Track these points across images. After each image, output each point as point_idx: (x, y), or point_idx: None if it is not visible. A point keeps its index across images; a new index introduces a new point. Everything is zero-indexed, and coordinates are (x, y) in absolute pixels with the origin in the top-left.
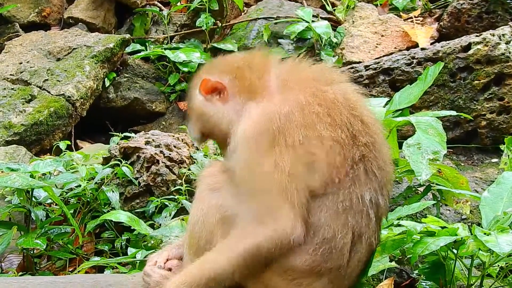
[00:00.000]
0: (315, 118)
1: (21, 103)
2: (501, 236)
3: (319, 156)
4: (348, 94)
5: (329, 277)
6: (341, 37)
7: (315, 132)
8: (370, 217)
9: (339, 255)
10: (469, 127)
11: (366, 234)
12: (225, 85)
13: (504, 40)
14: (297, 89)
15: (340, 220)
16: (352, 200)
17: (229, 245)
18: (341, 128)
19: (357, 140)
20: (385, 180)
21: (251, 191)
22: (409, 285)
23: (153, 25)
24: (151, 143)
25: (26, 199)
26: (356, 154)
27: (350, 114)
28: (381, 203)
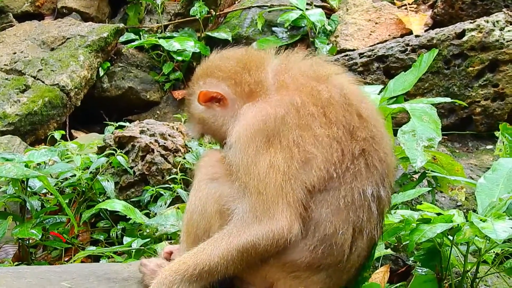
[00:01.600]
0: (310, 118)
1: (16, 93)
2: (497, 223)
3: (315, 154)
4: (344, 89)
5: (327, 272)
6: (335, 24)
7: (310, 132)
8: (372, 210)
9: (339, 251)
10: (464, 114)
11: (367, 229)
12: (223, 94)
13: (498, 26)
14: (293, 89)
15: (341, 215)
16: (353, 195)
17: (225, 240)
18: (337, 125)
19: (356, 136)
20: (387, 172)
21: (247, 189)
22: (404, 272)
23: (147, 14)
24: (145, 132)
25: (21, 189)
26: (356, 149)
27: (346, 111)
28: (383, 195)
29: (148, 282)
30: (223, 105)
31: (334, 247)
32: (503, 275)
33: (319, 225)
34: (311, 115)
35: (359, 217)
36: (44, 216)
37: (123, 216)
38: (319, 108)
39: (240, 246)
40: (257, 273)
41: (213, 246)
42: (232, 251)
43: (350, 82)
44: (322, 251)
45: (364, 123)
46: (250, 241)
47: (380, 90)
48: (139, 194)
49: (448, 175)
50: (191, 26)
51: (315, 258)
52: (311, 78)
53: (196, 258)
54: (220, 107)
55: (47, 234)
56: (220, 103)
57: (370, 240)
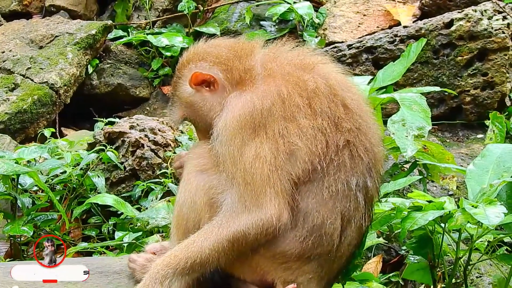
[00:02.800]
0: (295, 110)
1: (5, 92)
2: (489, 208)
3: (299, 145)
4: (330, 79)
5: (318, 261)
6: (323, 17)
7: (295, 123)
8: (359, 200)
9: (329, 241)
10: (454, 104)
11: (355, 218)
12: (216, 78)
13: (486, 15)
14: (280, 78)
15: (328, 206)
16: (337, 186)
17: (215, 231)
18: (322, 116)
19: (340, 127)
20: (374, 162)
21: (235, 180)
22: (397, 262)
23: (135, 11)
24: (135, 127)
25: (11, 186)
26: (340, 140)
27: (332, 101)
28: (370, 185)
29: (139, 277)
30: (212, 90)
31: (323, 237)
32: (495, 263)
33: (307, 216)
34: (296, 106)
35: (346, 207)
36: (35, 213)
37: (114, 212)
38: (304, 99)
39: (230, 236)
40: (249, 266)
41: (204, 238)
42: (223, 242)
43: (336, 72)
44: (312, 242)
45: (350, 114)
46: (240, 231)
47: (369, 80)
48: (130, 189)
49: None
50: (179, 21)
51: (306, 248)
52: (298, 68)
53: (187, 251)
54: (209, 91)
55: (38, 231)
56: (210, 87)
57: (359, 229)
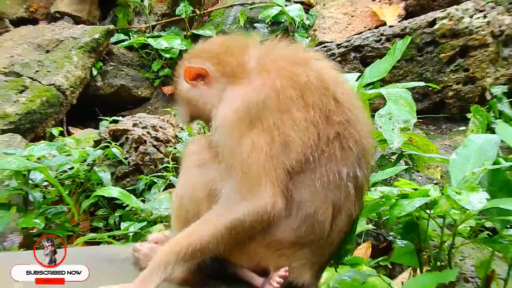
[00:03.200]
0: (289, 101)
1: (15, 94)
2: (472, 195)
3: (293, 136)
4: (323, 74)
5: (311, 248)
6: (313, 19)
7: (289, 115)
8: (349, 189)
9: (320, 228)
10: (437, 98)
11: (345, 207)
12: (207, 70)
13: (468, 14)
14: (274, 73)
15: (320, 196)
16: (329, 176)
17: (214, 220)
18: (314, 109)
19: (331, 119)
20: (363, 153)
21: (233, 169)
22: (386, 247)
23: (135, 16)
24: (138, 125)
25: (23, 182)
26: (331, 132)
27: (323, 95)
28: (359, 175)
29: (143, 265)
30: (207, 83)
31: (315, 225)
32: (477, 246)
33: (301, 206)
34: (290, 98)
35: (337, 196)
36: (46, 207)
37: (120, 204)
38: (297, 92)
39: (228, 224)
40: (246, 254)
41: (203, 227)
42: (221, 230)
43: (328, 68)
44: (305, 230)
45: (340, 107)
46: (237, 219)
47: (357, 77)
48: (134, 183)
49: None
50: (177, 25)
51: (299, 236)
52: (291, 62)
53: (188, 239)
54: (205, 85)
55: (49, 224)
56: (205, 80)
57: (349, 217)
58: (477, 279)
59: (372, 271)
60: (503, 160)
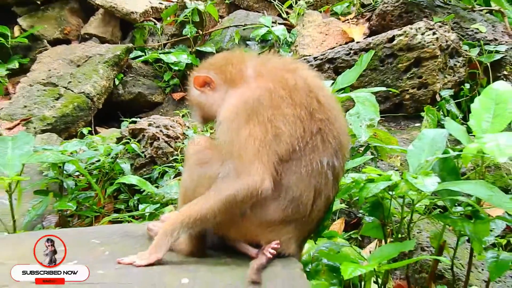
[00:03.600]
0: (280, 100)
1: (52, 101)
2: (426, 179)
3: (283, 129)
4: (307, 79)
5: (295, 224)
6: (294, 37)
7: (280, 111)
8: (328, 177)
9: (304, 209)
10: (396, 100)
11: (325, 191)
12: (211, 78)
13: (420, 32)
14: (267, 77)
15: (305, 181)
16: (313, 164)
17: (212, 195)
18: (300, 107)
19: (314, 117)
20: (340, 146)
21: (231, 155)
22: (356, 223)
23: (150, 36)
24: (152, 124)
25: (59, 172)
26: (314, 127)
27: (308, 96)
28: (337, 164)
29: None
30: (212, 88)
31: (300, 206)
32: (431, 221)
33: (288, 190)
34: (280, 97)
35: (318, 182)
36: (77, 192)
37: (138, 190)
38: (286, 92)
39: (224, 199)
40: (241, 230)
41: (204, 201)
42: (218, 203)
43: (312, 75)
44: (291, 210)
45: (321, 107)
46: (231, 194)
47: (331, 84)
48: (150, 172)
49: (386, 145)
50: (184, 43)
51: (286, 215)
52: (282, 69)
53: (191, 210)
54: (211, 90)
55: (80, 206)
56: (211, 86)
57: (327, 199)
58: (431, 248)
59: (345, 243)
60: (451, 150)
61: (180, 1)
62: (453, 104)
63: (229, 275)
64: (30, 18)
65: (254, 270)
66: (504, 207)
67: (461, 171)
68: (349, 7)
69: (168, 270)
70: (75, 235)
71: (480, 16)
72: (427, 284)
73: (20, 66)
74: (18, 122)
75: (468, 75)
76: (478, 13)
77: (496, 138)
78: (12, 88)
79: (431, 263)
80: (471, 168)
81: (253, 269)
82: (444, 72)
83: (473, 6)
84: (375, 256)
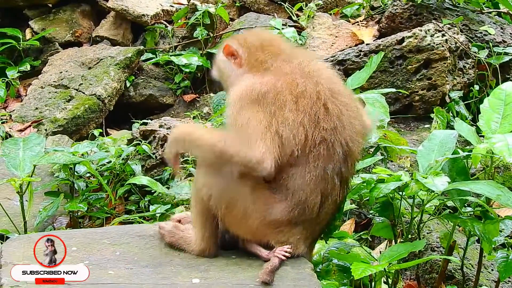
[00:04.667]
0: (283, 102)
1: (63, 102)
2: (436, 179)
3: (282, 129)
4: (319, 85)
5: (303, 226)
6: (304, 39)
7: (281, 112)
8: (335, 182)
9: (311, 211)
10: (406, 102)
11: (332, 195)
12: (240, 55)
13: (429, 33)
14: (280, 76)
15: (310, 186)
16: (317, 171)
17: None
18: (304, 113)
19: (319, 125)
20: (349, 153)
21: (236, 132)
22: (366, 223)
23: (161, 38)
24: (163, 126)
25: (70, 173)
26: (318, 137)
27: (315, 104)
28: (344, 170)
29: (167, 239)
30: (236, 64)
31: (306, 209)
32: (441, 222)
33: (295, 193)
34: (285, 100)
35: (324, 187)
36: (88, 194)
37: (149, 190)
38: (292, 97)
39: (221, 149)
40: (251, 230)
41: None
42: (214, 148)
43: (330, 79)
44: (297, 212)
45: (328, 116)
46: (229, 151)
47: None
48: (160, 173)
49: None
50: (195, 45)
51: (293, 216)
52: (297, 73)
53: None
54: (234, 64)
55: (91, 207)
56: (235, 60)
57: (335, 202)
58: (441, 248)
59: (355, 243)
60: (460, 151)
61: (191, 4)
62: (462, 106)
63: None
64: (42, 21)
65: (268, 271)
66: None
67: (471, 172)
68: (358, 9)
69: (179, 270)
70: (86, 235)
71: (488, 18)
72: (437, 284)
73: (32, 69)
74: (29, 124)
75: (477, 77)
76: (486, 15)
77: (505, 138)
78: (24, 90)
79: (441, 263)
80: (481, 169)
81: (266, 270)
82: (453, 74)
83: (482, 9)
84: (385, 256)
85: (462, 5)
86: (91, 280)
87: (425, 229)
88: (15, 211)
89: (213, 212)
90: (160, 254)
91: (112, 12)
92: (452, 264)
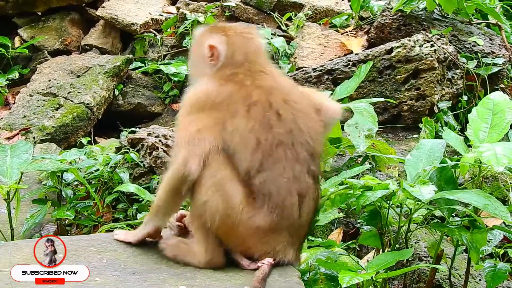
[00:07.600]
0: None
1: (51, 110)
2: (423, 187)
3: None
4: (272, 95)
5: (288, 231)
6: (293, 49)
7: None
8: (307, 180)
9: (290, 213)
10: (395, 111)
11: (308, 193)
12: (220, 58)
13: (418, 44)
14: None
15: (284, 188)
16: (286, 172)
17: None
18: (255, 121)
19: (272, 130)
20: (313, 151)
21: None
22: (354, 233)
23: (150, 47)
24: (152, 134)
25: (57, 181)
26: (274, 141)
27: (267, 112)
28: (313, 167)
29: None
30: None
31: (285, 211)
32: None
33: (270, 198)
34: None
35: (299, 186)
36: (76, 202)
37: (137, 199)
38: (245, 106)
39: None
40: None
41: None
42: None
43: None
44: (277, 214)
45: (282, 122)
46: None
47: (329, 95)
48: (149, 182)
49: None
50: (184, 54)
51: (273, 220)
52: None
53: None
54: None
55: (79, 215)
56: (211, 59)
57: (313, 200)
58: (429, 258)
59: (343, 252)
60: (448, 160)
61: (180, 13)
62: (450, 116)
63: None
64: (31, 29)
65: (259, 279)
66: (500, 216)
67: (459, 182)
68: (348, 19)
69: (166, 277)
70: (73, 242)
71: (477, 29)
72: None
73: (20, 77)
74: (17, 132)
75: (465, 87)
76: (475, 26)
77: (493, 147)
78: (12, 98)
79: (429, 273)
80: (469, 179)
81: (258, 278)
82: (442, 84)
83: (471, 20)
84: (373, 264)
85: (451, 16)
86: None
87: (413, 238)
88: (2, 219)
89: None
90: (147, 261)
91: (101, 21)
92: (439, 273)
